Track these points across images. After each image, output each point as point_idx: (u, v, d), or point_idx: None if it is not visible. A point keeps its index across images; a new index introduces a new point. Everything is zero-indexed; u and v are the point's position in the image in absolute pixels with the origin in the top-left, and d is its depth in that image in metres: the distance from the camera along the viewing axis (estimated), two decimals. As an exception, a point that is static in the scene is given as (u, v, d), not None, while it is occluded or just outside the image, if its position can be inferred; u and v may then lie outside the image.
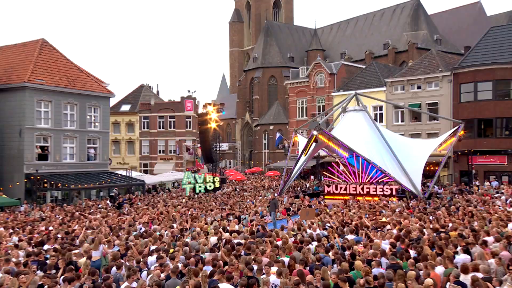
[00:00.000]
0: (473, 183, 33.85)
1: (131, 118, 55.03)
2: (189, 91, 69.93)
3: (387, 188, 29.88)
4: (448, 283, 9.43)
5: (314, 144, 28.69)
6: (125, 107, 56.00)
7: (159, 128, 54.95)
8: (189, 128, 54.66)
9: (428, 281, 9.04)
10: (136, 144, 55.13)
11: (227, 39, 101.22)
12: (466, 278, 9.33)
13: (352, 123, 32.08)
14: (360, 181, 31.58)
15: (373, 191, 30.21)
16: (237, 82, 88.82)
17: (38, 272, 11.31)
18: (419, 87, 43.62)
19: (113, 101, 47.49)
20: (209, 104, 38.85)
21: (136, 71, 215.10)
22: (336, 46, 78.99)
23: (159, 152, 55.07)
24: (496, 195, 27.06)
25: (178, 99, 56.74)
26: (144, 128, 55.14)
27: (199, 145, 44.81)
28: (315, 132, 27.06)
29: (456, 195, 27.99)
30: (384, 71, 50.67)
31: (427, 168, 34.58)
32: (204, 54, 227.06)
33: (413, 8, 68.08)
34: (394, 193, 29.33)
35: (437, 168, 32.70)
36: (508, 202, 23.89)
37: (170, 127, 54.80)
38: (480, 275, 9.37)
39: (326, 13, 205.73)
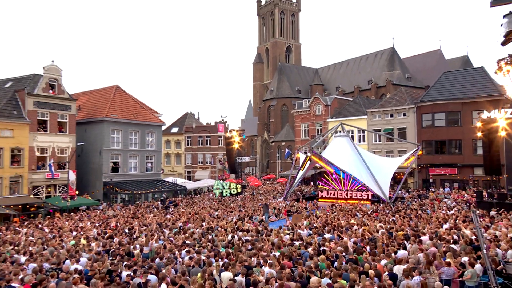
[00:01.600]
0: (430, 189, 33.93)
1: (179, 137, 56.06)
2: (221, 116, 71.09)
3: (365, 194, 29.59)
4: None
5: (309, 162, 29.55)
6: (174, 129, 57.02)
7: (199, 145, 55.51)
8: (221, 145, 54.74)
9: (371, 272, 9.16)
10: (182, 157, 55.89)
11: (251, 75, 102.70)
12: (399, 269, 9.56)
13: (338, 145, 32.10)
14: (344, 188, 31.41)
15: (354, 196, 30.02)
16: (257, 108, 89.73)
17: (109, 259, 11.48)
18: (391, 116, 43.56)
19: (165, 125, 48.78)
20: (234, 130, 39.88)
21: (184, 100, 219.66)
22: (333, 82, 78.53)
23: (199, 162, 55.53)
24: (444, 199, 26.65)
25: (213, 123, 57.40)
26: (188, 145, 55.84)
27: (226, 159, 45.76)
28: (308, 154, 27.82)
29: (416, 199, 27.57)
30: (366, 103, 50.38)
31: (398, 176, 34.65)
32: (236, 86, 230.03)
33: (390, 54, 67.65)
34: (370, 198, 28.96)
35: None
36: (452, 205, 23.87)
37: (207, 144, 55.34)
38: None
39: (325, 56, 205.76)
